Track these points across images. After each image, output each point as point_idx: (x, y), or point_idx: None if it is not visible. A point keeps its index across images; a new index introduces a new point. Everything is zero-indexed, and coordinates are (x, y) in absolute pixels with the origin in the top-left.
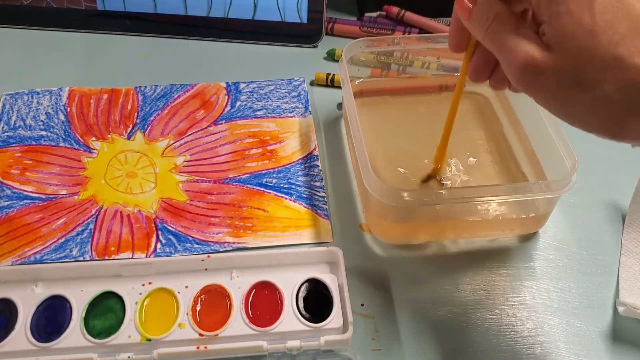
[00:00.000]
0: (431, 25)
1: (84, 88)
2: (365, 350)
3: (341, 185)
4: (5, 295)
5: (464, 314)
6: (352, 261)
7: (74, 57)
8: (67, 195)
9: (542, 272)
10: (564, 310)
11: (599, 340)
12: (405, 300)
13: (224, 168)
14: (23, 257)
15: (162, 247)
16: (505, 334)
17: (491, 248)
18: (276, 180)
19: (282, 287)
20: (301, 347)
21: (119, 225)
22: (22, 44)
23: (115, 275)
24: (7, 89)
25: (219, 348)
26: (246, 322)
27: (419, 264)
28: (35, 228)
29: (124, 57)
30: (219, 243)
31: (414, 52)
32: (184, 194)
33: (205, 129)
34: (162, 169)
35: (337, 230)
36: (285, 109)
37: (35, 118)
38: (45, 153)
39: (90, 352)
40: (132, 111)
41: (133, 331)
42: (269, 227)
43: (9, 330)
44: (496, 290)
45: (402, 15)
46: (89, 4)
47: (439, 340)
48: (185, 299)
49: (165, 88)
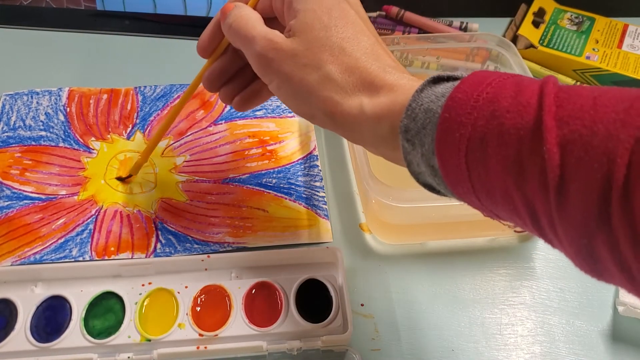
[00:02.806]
0: (431, 25)
1: (84, 88)
2: (365, 350)
3: (341, 185)
4: (5, 295)
5: (464, 314)
6: (352, 261)
7: (74, 57)
8: (66, 196)
9: (542, 271)
10: (564, 310)
11: (598, 340)
12: (405, 300)
13: (224, 168)
14: (23, 257)
15: (162, 247)
16: (505, 333)
17: (491, 248)
18: (276, 181)
19: (282, 287)
20: (301, 347)
21: (118, 226)
22: (22, 44)
23: (115, 275)
24: (6, 89)
25: (218, 348)
26: (246, 322)
27: (419, 264)
28: (35, 228)
29: (124, 57)
30: (218, 243)
31: (413, 52)
32: (183, 194)
33: (205, 129)
34: (161, 169)
35: (337, 230)
36: (285, 109)
37: (35, 118)
38: (45, 153)
39: (90, 353)
40: (132, 111)
41: (133, 331)
42: (268, 227)
43: (8, 331)
44: (496, 290)
45: (401, 15)
46: (89, 4)
47: (438, 340)
48: (185, 299)
49: (164, 88)
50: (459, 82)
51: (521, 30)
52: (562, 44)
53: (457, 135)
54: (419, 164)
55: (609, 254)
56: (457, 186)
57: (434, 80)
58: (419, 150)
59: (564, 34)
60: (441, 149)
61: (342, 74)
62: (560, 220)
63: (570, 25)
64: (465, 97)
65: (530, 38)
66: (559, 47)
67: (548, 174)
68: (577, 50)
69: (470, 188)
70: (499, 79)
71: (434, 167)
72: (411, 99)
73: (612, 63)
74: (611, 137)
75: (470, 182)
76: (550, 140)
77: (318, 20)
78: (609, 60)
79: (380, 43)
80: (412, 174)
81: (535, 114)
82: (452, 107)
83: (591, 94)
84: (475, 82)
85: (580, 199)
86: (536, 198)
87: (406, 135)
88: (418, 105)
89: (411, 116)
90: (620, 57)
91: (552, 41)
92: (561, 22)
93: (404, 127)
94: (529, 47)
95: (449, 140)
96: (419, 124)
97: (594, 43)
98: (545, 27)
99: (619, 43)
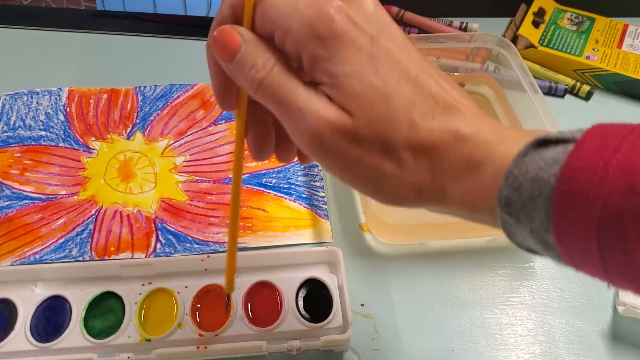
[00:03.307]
0: (431, 25)
1: (84, 88)
2: (365, 350)
3: (341, 185)
4: (5, 295)
5: (464, 314)
6: (352, 261)
7: (74, 57)
8: (66, 196)
9: (542, 271)
10: (564, 310)
11: (598, 340)
12: (405, 300)
13: (224, 168)
14: (23, 257)
15: (162, 247)
16: (505, 333)
17: (491, 248)
18: (276, 180)
19: (282, 287)
20: (301, 347)
21: (118, 226)
22: (22, 44)
23: (115, 275)
24: (6, 89)
25: (218, 348)
26: (246, 322)
27: (418, 264)
28: (34, 228)
29: (124, 57)
30: (218, 243)
31: None
32: (183, 194)
33: (205, 129)
34: (161, 169)
35: (336, 230)
36: None
37: (35, 118)
38: (45, 153)
39: (89, 352)
40: (132, 111)
41: (133, 331)
42: (268, 227)
43: (8, 331)
44: (496, 290)
45: (401, 15)
46: (89, 4)
47: (438, 340)
48: (185, 299)
49: (164, 88)
50: (575, 146)
51: (521, 30)
52: (562, 44)
53: (584, 215)
54: (525, 239)
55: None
56: (583, 268)
57: (539, 143)
58: (527, 226)
59: (564, 34)
60: (561, 228)
61: (415, 158)
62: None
63: (570, 25)
64: (588, 165)
65: (530, 38)
66: (559, 47)
67: None
68: (577, 50)
69: (603, 272)
70: (627, 141)
71: (549, 243)
72: (512, 164)
73: (612, 63)
74: None
75: (603, 267)
76: None
77: (371, 88)
78: (608, 60)
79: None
80: (516, 244)
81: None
82: (573, 179)
83: None
84: (597, 147)
85: None
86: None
87: (508, 209)
88: (522, 174)
89: (513, 185)
90: (620, 57)
91: (552, 41)
92: (561, 22)
93: (504, 199)
94: (529, 47)
95: (572, 219)
96: (525, 196)
97: (594, 43)
98: (545, 27)
99: (619, 43)
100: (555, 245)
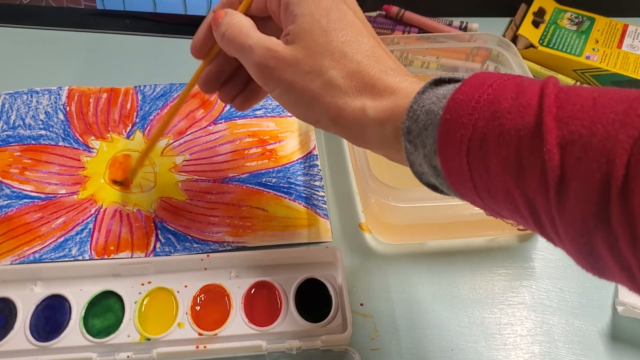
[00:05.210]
0: (431, 25)
1: (83, 87)
2: (365, 349)
3: (341, 184)
4: (5, 294)
5: (464, 314)
6: (352, 261)
7: (74, 57)
8: (66, 195)
9: (542, 271)
10: (563, 310)
11: (598, 340)
12: (405, 300)
13: (224, 167)
14: (22, 256)
15: (162, 247)
16: (505, 333)
17: (491, 248)
18: (275, 180)
19: (282, 286)
20: (300, 347)
21: (118, 225)
22: (21, 43)
23: (115, 274)
24: (6, 88)
25: (218, 347)
26: (245, 322)
27: (418, 264)
28: (34, 227)
29: (124, 57)
30: (218, 242)
31: (413, 52)
32: (183, 194)
33: (204, 128)
34: (161, 168)
35: (336, 230)
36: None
37: (35, 117)
38: (45, 152)
39: (89, 352)
40: (132, 110)
41: (132, 330)
42: (268, 226)
43: (8, 330)
44: (495, 290)
45: (401, 15)
46: (89, 3)
47: (438, 339)
48: (184, 298)
49: (164, 87)
50: (460, 84)
51: (521, 30)
52: (562, 44)
53: (459, 136)
54: (422, 165)
55: (609, 253)
56: (459, 186)
57: (436, 82)
58: (421, 151)
59: (564, 34)
60: (443, 149)
61: (344, 79)
62: (560, 219)
63: (570, 25)
64: (466, 98)
65: (530, 38)
66: (559, 47)
67: (548, 174)
68: (577, 50)
69: (472, 188)
70: (500, 81)
71: (436, 168)
72: (412, 100)
73: (612, 63)
74: (610, 137)
75: (472, 181)
76: (550, 140)
77: (317, 24)
78: (608, 60)
79: (380, 44)
80: (415, 174)
81: (536, 115)
82: (453, 109)
83: (591, 94)
84: (476, 84)
85: (580, 198)
86: (537, 197)
87: (408, 137)
88: (419, 107)
89: (413, 118)
90: (620, 57)
91: (552, 41)
92: (561, 22)
93: (406, 128)
94: (529, 47)
95: (451, 141)
96: (420, 125)
97: (593, 43)
98: (545, 27)
99: (619, 43)
100: (441, 170)
